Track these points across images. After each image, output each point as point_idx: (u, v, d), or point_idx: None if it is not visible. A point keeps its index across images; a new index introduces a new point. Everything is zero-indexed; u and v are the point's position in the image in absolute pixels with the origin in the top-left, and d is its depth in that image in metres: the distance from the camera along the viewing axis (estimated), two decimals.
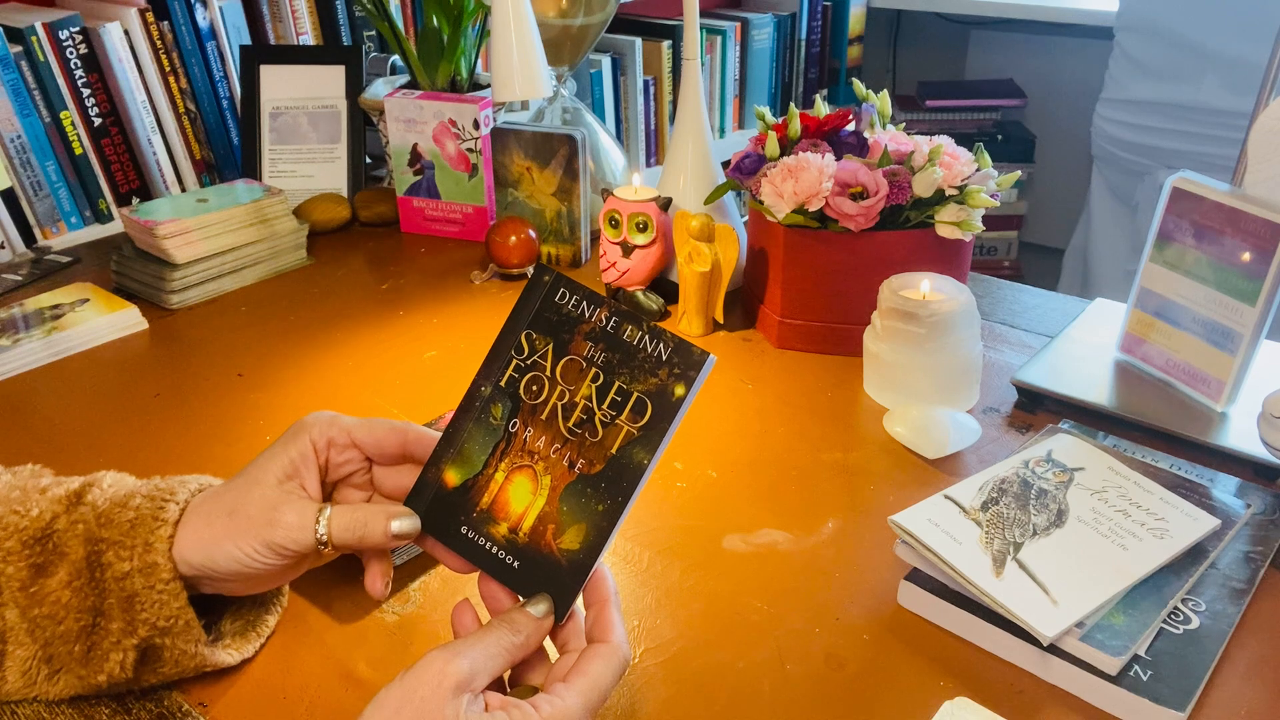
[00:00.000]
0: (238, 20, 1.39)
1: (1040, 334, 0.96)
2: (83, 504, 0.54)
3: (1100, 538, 0.62)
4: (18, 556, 0.52)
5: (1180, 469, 0.72)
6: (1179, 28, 1.69)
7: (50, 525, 0.53)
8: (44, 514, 0.54)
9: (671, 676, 0.58)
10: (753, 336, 0.97)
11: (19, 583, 0.52)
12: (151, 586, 0.52)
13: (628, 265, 1.00)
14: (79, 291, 1.05)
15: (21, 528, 0.53)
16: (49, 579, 0.52)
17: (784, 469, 0.77)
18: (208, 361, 0.95)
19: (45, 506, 0.54)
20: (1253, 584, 0.62)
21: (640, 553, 0.68)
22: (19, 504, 0.54)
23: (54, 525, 0.53)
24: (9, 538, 0.53)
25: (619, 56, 1.98)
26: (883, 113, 0.98)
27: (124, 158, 1.31)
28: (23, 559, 0.52)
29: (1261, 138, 0.77)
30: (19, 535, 0.53)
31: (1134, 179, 1.84)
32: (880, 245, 0.88)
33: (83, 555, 0.52)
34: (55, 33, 1.23)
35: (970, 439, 0.78)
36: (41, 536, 0.53)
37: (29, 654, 0.53)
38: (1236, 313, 0.76)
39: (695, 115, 1.01)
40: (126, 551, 0.52)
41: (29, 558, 0.52)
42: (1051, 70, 2.53)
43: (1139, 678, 0.54)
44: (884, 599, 0.63)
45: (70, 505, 0.54)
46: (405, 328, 1.01)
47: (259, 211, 1.11)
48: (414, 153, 1.20)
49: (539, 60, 1.01)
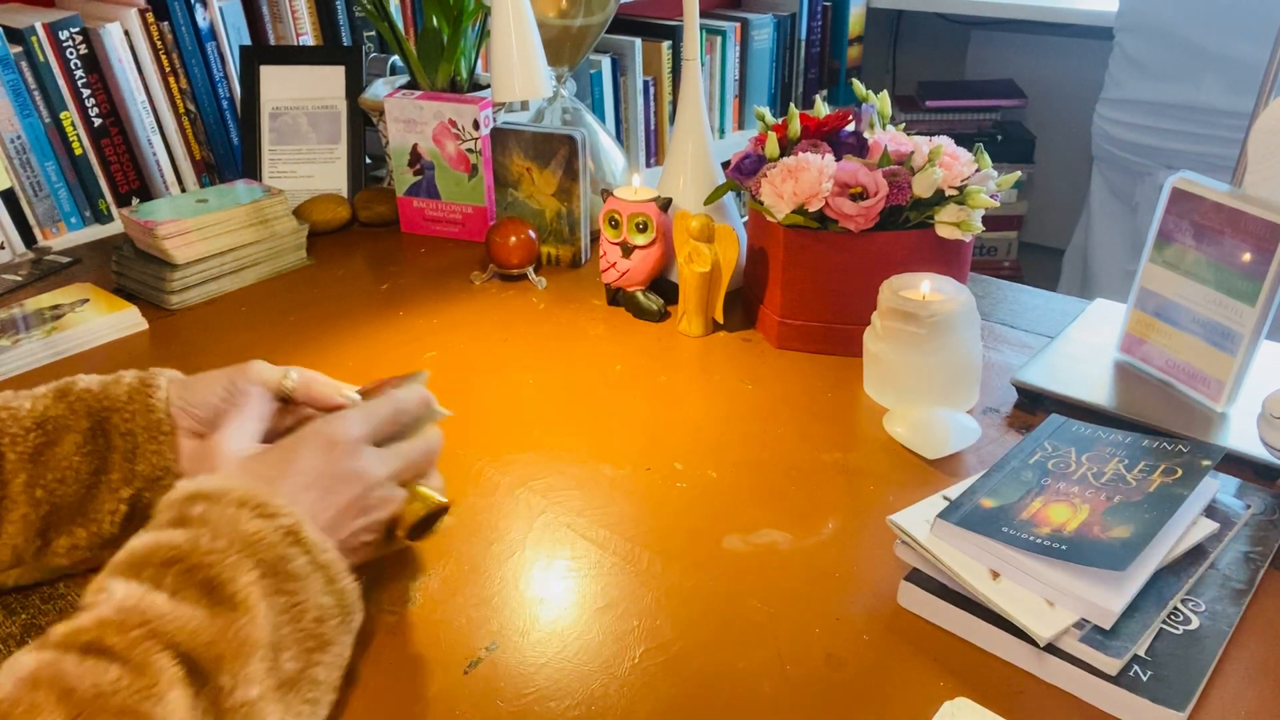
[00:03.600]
0: (238, 20, 1.40)
1: (1040, 334, 0.96)
2: (72, 393, 0.63)
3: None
4: (23, 439, 0.61)
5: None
6: (1179, 28, 1.69)
7: (44, 413, 0.62)
8: (35, 406, 0.63)
9: (671, 676, 0.58)
10: (753, 336, 0.98)
11: (27, 456, 0.61)
12: (153, 438, 0.62)
13: (628, 265, 1.00)
14: (79, 292, 1.05)
15: (20, 417, 0.62)
16: (58, 447, 0.62)
17: (784, 469, 0.77)
18: (208, 362, 0.94)
19: (33, 403, 0.63)
20: (1252, 584, 0.62)
21: (640, 553, 0.68)
22: (9, 403, 0.63)
23: (47, 413, 0.62)
24: (13, 425, 0.62)
25: (619, 57, 1.98)
26: (883, 113, 0.98)
27: (124, 158, 1.31)
28: (29, 441, 0.62)
29: (1261, 138, 0.77)
30: (20, 423, 0.62)
31: (1134, 179, 1.84)
32: (880, 245, 0.88)
33: (88, 425, 0.62)
34: (55, 33, 1.23)
35: (970, 439, 0.78)
36: (41, 421, 0.62)
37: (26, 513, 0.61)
38: (1236, 313, 0.76)
39: (695, 115, 1.01)
40: (129, 413, 0.63)
41: (35, 439, 0.62)
42: (1051, 70, 2.53)
43: (1139, 678, 0.54)
44: (884, 599, 0.63)
45: (57, 398, 0.63)
46: (405, 328, 1.01)
47: (259, 212, 1.11)
48: (414, 153, 1.20)
49: (539, 60, 1.01)
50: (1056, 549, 0.57)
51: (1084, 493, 0.63)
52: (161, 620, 0.44)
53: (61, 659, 0.42)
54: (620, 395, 0.88)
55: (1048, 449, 0.69)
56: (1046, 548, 0.58)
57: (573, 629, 0.62)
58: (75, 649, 0.43)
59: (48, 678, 0.41)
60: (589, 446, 0.80)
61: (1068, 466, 0.66)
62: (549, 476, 0.77)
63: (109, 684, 0.41)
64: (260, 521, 0.51)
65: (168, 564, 0.48)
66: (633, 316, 1.02)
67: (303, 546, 0.51)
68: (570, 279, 1.11)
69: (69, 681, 0.41)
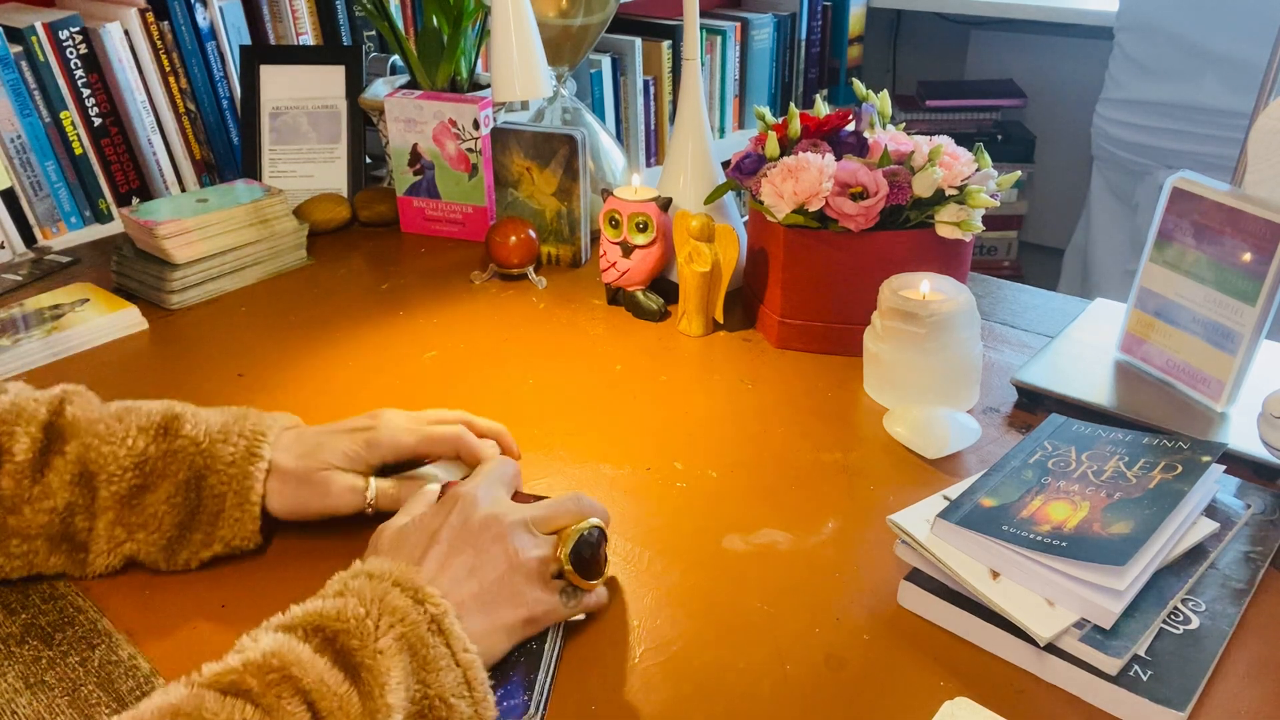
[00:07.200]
0: (238, 20, 1.39)
1: (1040, 334, 0.96)
2: (180, 436, 0.65)
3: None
4: (119, 479, 0.63)
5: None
6: (1179, 28, 1.69)
7: (144, 453, 0.64)
8: (137, 444, 0.64)
9: (671, 676, 0.58)
10: (753, 336, 0.97)
11: (120, 498, 0.63)
12: (240, 505, 0.64)
13: (628, 265, 1.00)
14: (79, 291, 1.05)
15: (120, 456, 0.63)
16: (150, 494, 0.64)
17: (784, 469, 0.77)
18: (208, 362, 0.95)
19: (135, 437, 0.64)
20: (1253, 584, 0.62)
21: (640, 553, 0.68)
22: (111, 434, 0.64)
23: (147, 453, 0.64)
24: (113, 463, 0.63)
25: (619, 56, 1.98)
26: (883, 113, 0.98)
27: (124, 158, 1.31)
28: (125, 480, 0.63)
29: (1261, 138, 0.77)
30: (119, 462, 0.63)
31: (1134, 179, 1.84)
32: (880, 245, 0.88)
33: (184, 479, 0.64)
34: (55, 33, 1.23)
35: (970, 439, 0.78)
36: (140, 462, 0.64)
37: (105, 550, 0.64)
38: (1236, 313, 0.76)
39: (695, 115, 1.01)
40: (226, 478, 0.64)
41: (131, 480, 0.63)
42: (1051, 70, 2.53)
43: (1139, 678, 0.54)
44: (884, 599, 0.63)
45: (160, 435, 0.65)
46: (405, 328, 1.01)
47: (259, 211, 1.11)
48: (414, 153, 1.20)
49: (539, 60, 1.01)
50: (1057, 546, 0.57)
51: (1084, 490, 0.63)
52: (300, 667, 0.47)
53: (204, 694, 0.46)
54: (620, 395, 0.88)
55: (1048, 448, 0.69)
56: (1047, 545, 0.58)
57: (572, 629, 0.62)
58: (219, 688, 0.46)
59: (188, 710, 0.45)
60: (589, 446, 0.80)
61: (1068, 465, 0.66)
62: (549, 476, 0.77)
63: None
64: (407, 601, 0.52)
65: (315, 624, 0.50)
66: (633, 316, 1.02)
67: (444, 636, 0.52)
68: (570, 279, 1.11)
69: (205, 715, 0.44)
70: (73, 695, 0.57)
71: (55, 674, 0.59)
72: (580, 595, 0.60)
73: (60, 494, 0.63)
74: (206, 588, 0.65)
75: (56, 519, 0.63)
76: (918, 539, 0.61)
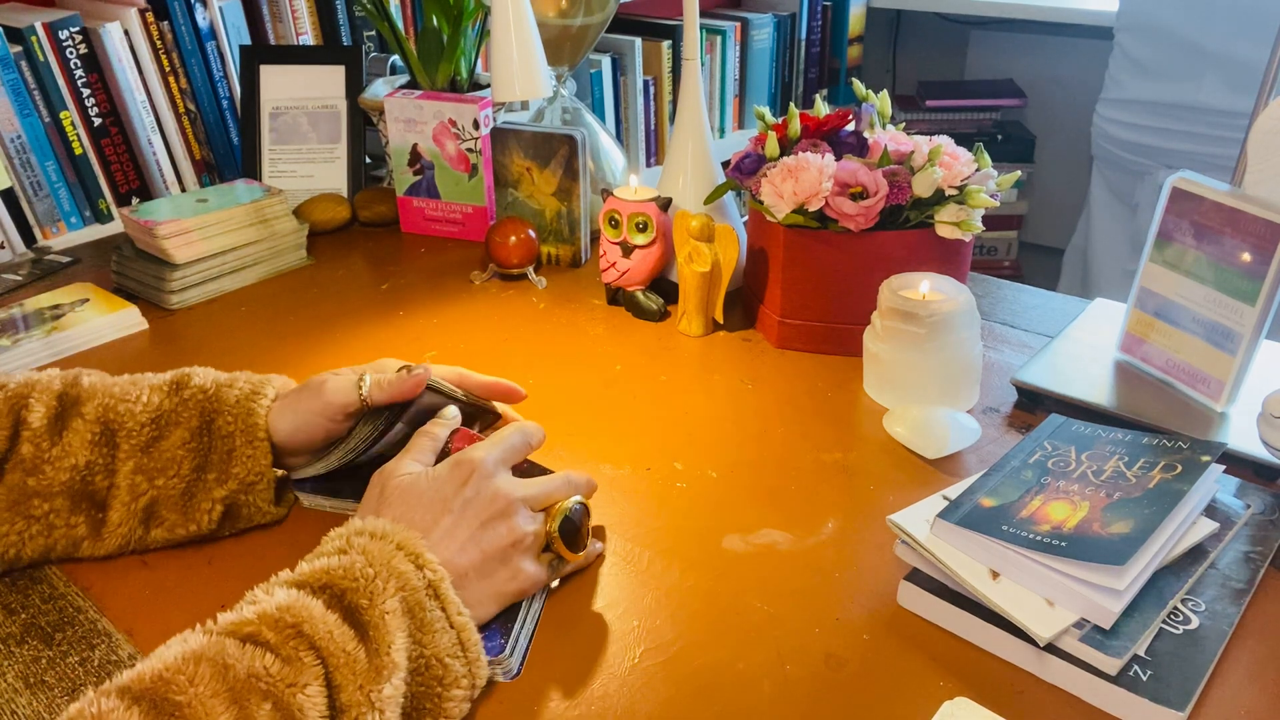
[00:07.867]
0: (238, 20, 1.39)
1: (1040, 334, 0.96)
2: (189, 388, 0.69)
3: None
4: (137, 434, 0.67)
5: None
6: (1179, 28, 1.69)
7: (159, 408, 0.68)
8: (151, 400, 0.68)
9: (671, 676, 0.58)
10: (753, 336, 0.98)
11: (139, 449, 0.67)
12: (249, 442, 0.67)
13: (628, 265, 1.00)
14: (79, 291, 1.05)
15: (136, 413, 0.68)
16: (165, 441, 0.67)
17: (784, 469, 0.77)
18: (208, 362, 0.94)
19: (149, 395, 0.69)
20: (1252, 584, 0.62)
21: (640, 553, 0.68)
22: (126, 395, 0.68)
23: (162, 408, 0.68)
24: (130, 419, 0.67)
25: (619, 56, 1.98)
26: (883, 113, 0.98)
27: (124, 158, 1.31)
28: (143, 434, 0.67)
29: (1261, 138, 0.77)
30: (136, 418, 0.67)
31: (1134, 179, 1.84)
32: (880, 245, 0.88)
33: (197, 424, 0.68)
34: (55, 33, 1.23)
35: (970, 439, 0.78)
36: (156, 416, 0.68)
37: (129, 502, 0.66)
38: (1236, 313, 0.76)
39: (695, 115, 1.01)
40: (232, 418, 0.68)
41: (149, 433, 0.67)
42: (1051, 70, 2.53)
43: (1139, 678, 0.54)
44: (884, 599, 0.63)
45: (172, 392, 0.69)
46: (405, 328, 1.01)
47: (259, 211, 1.11)
48: (414, 153, 1.20)
49: (539, 60, 1.01)
50: (1057, 546, 0.57)
51: (1084, 490, 0.63)
52: (312, 624, 0.50)
53: (225, 642, 0.49)
54: (620, 395, 0.88)
55: (1047, 448, 0.69)
56: (1047, 545, 0.58)
57: (572, 629, 0.62)
58: (238, 636, 0.49)
59: (211, 655, 0.48)
60: (589, 446, 0.80)
61: (1067, 465, 0.66)
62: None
63: (261, 669, 0.48)
64: (410, 566, 0.55)
65: (323, 582, 0.53)
66: (633, 316, 1.02)
67: (440, 601, 0.55)
68: (570, 279, 1.11)
69: (229, 661, 0.47)
70: (73, 695, 0.57)
71: (55, 674, 0.59)
72: (564, 565, 0.65)
73: (80, 453, 0.66)
74: (207, 588, 0.65)
75: (77, 476, 0.66)
76: (917, 539, 0.61)
